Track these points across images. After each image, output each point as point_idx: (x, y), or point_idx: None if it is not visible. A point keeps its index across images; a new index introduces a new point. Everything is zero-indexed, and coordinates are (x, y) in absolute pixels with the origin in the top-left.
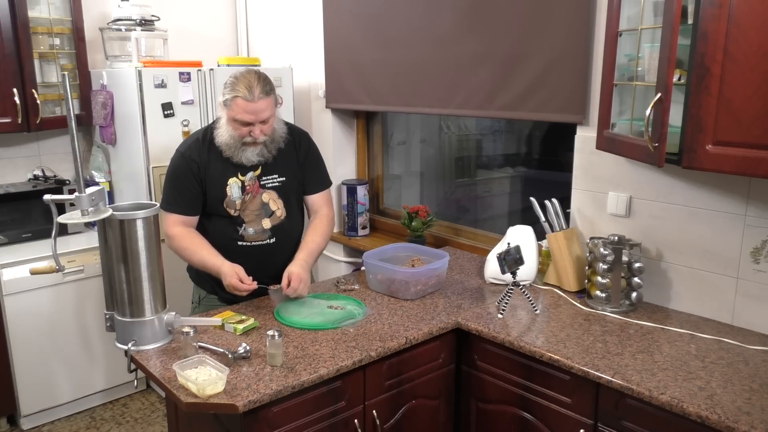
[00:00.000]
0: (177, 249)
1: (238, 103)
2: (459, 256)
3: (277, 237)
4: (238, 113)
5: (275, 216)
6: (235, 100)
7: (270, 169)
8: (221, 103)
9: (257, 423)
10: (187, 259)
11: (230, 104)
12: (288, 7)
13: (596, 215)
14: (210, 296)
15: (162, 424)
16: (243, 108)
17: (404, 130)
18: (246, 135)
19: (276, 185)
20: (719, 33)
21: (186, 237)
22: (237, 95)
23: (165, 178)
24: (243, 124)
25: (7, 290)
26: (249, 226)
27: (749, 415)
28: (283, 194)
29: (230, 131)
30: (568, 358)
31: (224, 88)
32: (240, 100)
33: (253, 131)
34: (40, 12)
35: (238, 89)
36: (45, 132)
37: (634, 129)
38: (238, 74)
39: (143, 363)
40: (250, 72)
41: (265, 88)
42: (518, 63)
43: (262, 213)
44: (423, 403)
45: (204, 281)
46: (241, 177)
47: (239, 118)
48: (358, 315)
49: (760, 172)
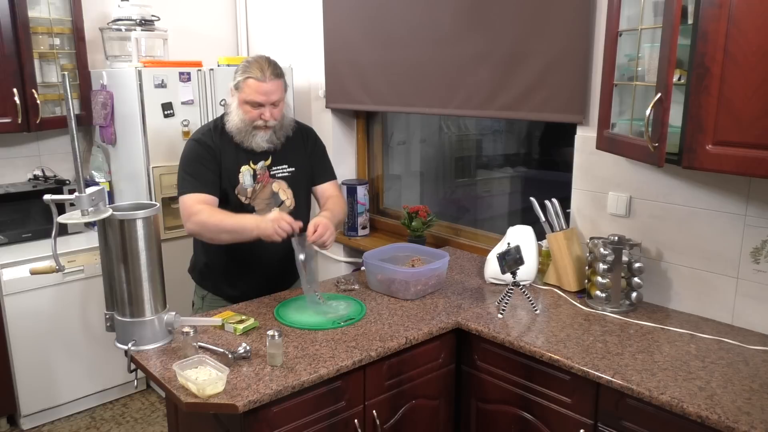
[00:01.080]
0: (205, 221)
1: (249, 84)
2: (459, 256)
3: None
4: (249, 94)
5: (284, 206)
6: (246, 81)
7: (280, 159)
8: (232, 87)
9: (257, 423)
10: (217, 228)
11: (242, 86)
12: (288, 7)
13: (596, 215)
14: (213, 296)
15: (162, 424)
16: (255, 89)
17: (404, 130)
18: (257, 118)
19: (286, 175)
20: (719, 33)
21: (213, 210)
22: (249, 76)
23: (180, 166)
24: (254, 105)
25: (7, 290)
26: (259, 214)
27: (749, 415)
28: (292, 184)
29: (240, 115)
30: (568, 358)
31: (235, 73)
32: (252, 80)
33: (264, 114)
34: (40, 12)
35: (250, 71)
36: (45, 132)
37: (634, 129)
38: (250, 58)
39: (143, 363)
40: (261, 56)
41: (276, 70)
42: (518, 63)
43: (272, 202)
44: (423, 403)
45: (207, 280)
46: (252, 165)
47: (251, 98)
48: (357, 315)
49: (760, 172)
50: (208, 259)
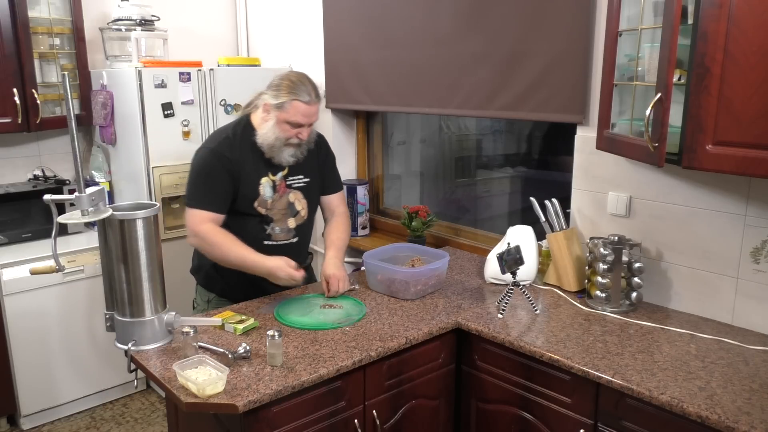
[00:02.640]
0: (208, 246)
1: (296, 106)
2: (459, 256)
3: (299, 236)
4: (294, 116)
5: (299, 216)
6: (293, 103)
7: (296, 169)
8: (271, 104)
9: (257, 423)
10: (219, 256)
11: (287, 107)
12: (288, 7)
13: (596, 215)
14: (220, 299)
15: (162, 424)
16: (301, 111)
17: (404, 130)
18: (293, 136)
19: (302, 185)
20: (719, 33)
21: (218, 234)
22: (296, 98)
23: (191, 175)
24: (294, 125)
25: (7, 290)
26: (276, 225)
27: (749, 415)
28: (306, 194)
29: (277, 132)
30: (568, 358)
31: (277, 91)
32: (299, 103)
33: (301, 133)
34: (40, 12)
35: (297, 93)
36: (45, 132)
37: (634, 129)
38: (293, 78)
39: (143, 363)
40: (303, 76)
41: (318, 92)
42: (518, 63)
43: (288, 212)
44: (423, 403)
45: (214, 283)
46: (272, 176)
47: (294, 120)
48: (357, 315)
49: (760, 172)
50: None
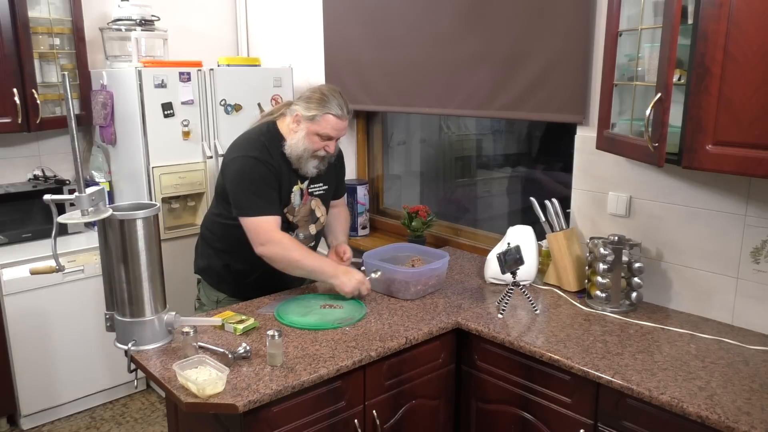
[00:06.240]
0: (286, 251)
1: (328, 119)
2: (459, 256)
3: (316, 242)
4: (325, 128)
5: (319, 222)
6: (326, 116)
7: (317, 178)
8: (303, 116)
9: (257, 423)
10: (294, 261)
11: (319, 120)
12: (288, 7)
13: (596, 215)
14: (230, 299)
15: (162, 424)
16: (333, 125)
17: (404, 130)
18: (321, 149)
19: (321, 193)
20: (719, 33)
21: (291, 238)
22: (330, 112)
23: (242, 184)
24: (324, 138)
25: (7, 290)
26: (300, 231)
27: (749, 415)
28: (324, 201)
29: (306, 144)
30: (568, 358)
31: (308, 102)
32: (332, 117)
33: (329, 146)
34: (40, 12)
35: (329, 107)
36: (45, 132)
37: (634, 129)
38: (325, 91)
39: (143, 363)
40: (334, 90)
41: (348, 106)
42: (518, 63)
43: (309, 219)
44: (423, 403)
45: (226, 284)
46: (300, 185)
47: (325, 132)
48: (357, 315)
49: (760, 172)
50: (230, 263)
